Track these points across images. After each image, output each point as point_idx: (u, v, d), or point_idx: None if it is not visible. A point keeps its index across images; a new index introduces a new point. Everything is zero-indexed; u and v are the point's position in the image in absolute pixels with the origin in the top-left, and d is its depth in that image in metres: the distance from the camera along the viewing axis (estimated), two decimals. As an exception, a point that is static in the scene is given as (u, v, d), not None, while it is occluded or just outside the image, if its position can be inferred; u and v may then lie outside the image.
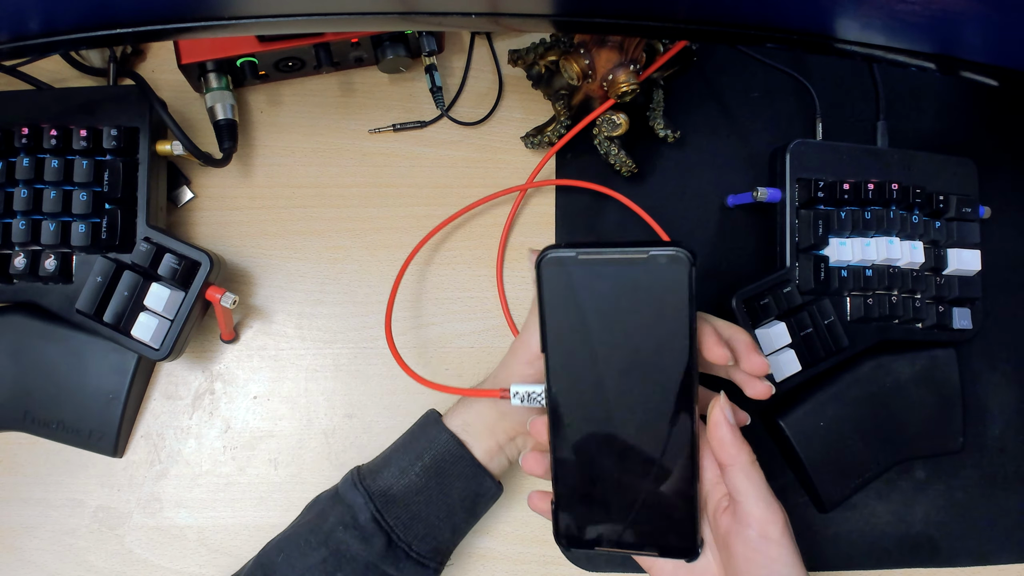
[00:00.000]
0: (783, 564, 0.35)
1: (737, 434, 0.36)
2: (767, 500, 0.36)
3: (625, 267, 0.34)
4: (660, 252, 0.34)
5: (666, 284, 0.34)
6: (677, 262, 0.34)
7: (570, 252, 0.35)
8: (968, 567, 0.53)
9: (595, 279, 0.35)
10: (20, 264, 0.47)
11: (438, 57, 0.56)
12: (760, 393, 0.38)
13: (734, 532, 0.36)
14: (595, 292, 0.35)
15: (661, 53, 0.51)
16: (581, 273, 0.35)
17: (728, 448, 0.36)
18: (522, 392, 0.39)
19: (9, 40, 0.37)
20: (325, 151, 0.56)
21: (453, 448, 0.43)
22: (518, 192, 0.55)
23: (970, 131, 0.60)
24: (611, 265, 0.34)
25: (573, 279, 0.35)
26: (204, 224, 0.54)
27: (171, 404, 0.52)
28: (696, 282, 0.34)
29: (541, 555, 0.51)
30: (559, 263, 0.35)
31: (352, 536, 0.41)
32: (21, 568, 0.49)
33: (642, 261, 0.34)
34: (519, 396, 0.39)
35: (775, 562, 0.35)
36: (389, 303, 0.50)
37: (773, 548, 0.35)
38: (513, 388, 0.39)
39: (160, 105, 0.49)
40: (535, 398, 0.38)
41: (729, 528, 0.36)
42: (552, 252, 0.35)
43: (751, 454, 0.36)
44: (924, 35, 0.37)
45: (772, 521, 0.35)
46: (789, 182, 0.51)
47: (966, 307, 0.54)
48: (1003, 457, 0.55)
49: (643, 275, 0.34)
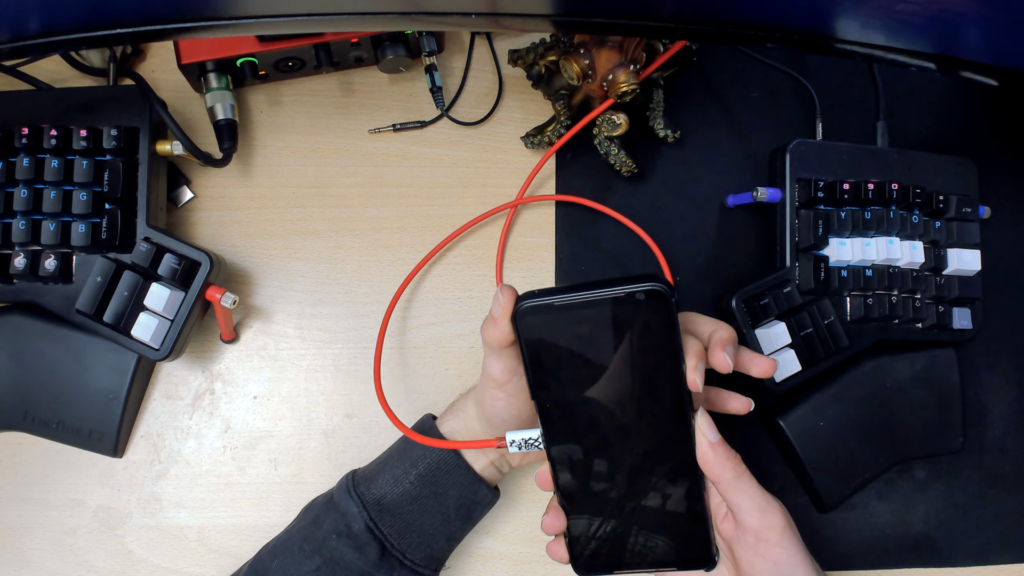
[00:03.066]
0: (786, 564, 0.36)
1: (719, 451, 0.36)
2: (761, 508, 0.36)
3: (604, 308, 0.34)
4: (638, 289, 0.33)
5: (648, 318, 0.34)
6: (656, 297, 0.34)
7: (546, 300, 0.34)
8: (968, 567, 0.53)
9: (575, 323, 0.34)
10: (20, 264, 0.47)
11: (438, 57, 0.56)
12: (765, 370, 0.39)
13: (736, 538, 0.37)
14: (577, 336, 0.35)
15: (661, 53, 0.51)
16: (560, 319, 0.34)
17: (711, 467, 0.36)
18: (518, 440, 0.38)
19: (9, 40, 0.37)
20: (325, 151, 0.56)
21: (448, 457, 0.43)
22: (517, 195, 0.55)
23: (970, 131, 0.60)
24: (589, 307, 0.34)
25: (553, 326, 0.35)
26: (204, 224, 0.54)
27: (171, 404, 0.52)
28: (676, 310, 0.34)
29: (541, 555, 0.51)
30: (536, 312, 0.34)
31: (346, 545, 0.41)
32: (21, 568, 0.49)
33: (621, 300, 0.34)
34: (516, 444, 0.38)
35: (778, 564, 0.36)
36: (379, 342, 0.50)
37: (774, 551, 0.36)
38: (508, 436, 0.38)
39: (160, 105, 0.49)
40: (532, 444, 0.38)
41: (731, 535, 0.38)
42: (528, 302, 0.34)
43: (736, 468, 0.36)
44: (924, 35, 0.37)
45: (768, 527, 0.36)
46: (789, 182, 0.51)
47: (966, 307, 0.54)
48: (1003, 457, 0.55)
49: (624, 313, 0.34)
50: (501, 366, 0.38)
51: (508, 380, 0.38)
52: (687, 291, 0.55)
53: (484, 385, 0.40)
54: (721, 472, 0.36)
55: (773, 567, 0.36)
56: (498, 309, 0.35)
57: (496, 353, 0.38)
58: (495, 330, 0.36)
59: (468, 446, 0.42)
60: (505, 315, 0.35)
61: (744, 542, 0.37)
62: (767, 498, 0.37)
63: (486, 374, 0.39)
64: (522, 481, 0.52)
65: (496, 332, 0.36)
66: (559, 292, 0.34)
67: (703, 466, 0.37)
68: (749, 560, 0.37)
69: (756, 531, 0.36)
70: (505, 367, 0.38)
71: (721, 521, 0.38)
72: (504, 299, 0.35)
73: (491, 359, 0.38)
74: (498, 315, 0.36)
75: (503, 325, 0.36)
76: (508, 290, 0.35)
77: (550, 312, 0.34)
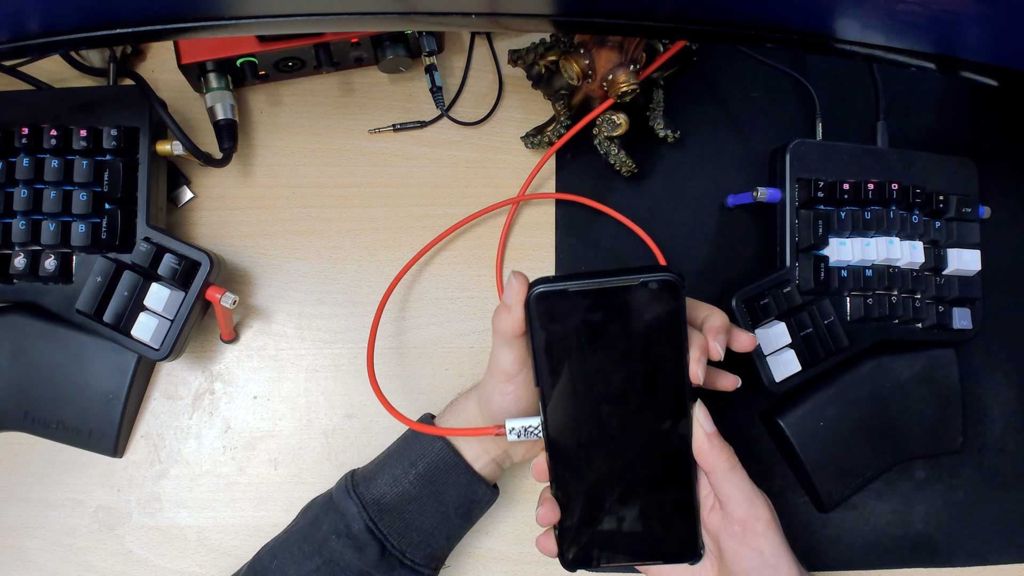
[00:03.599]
0: (770, 554, 0.38)
1: (714, 442, 0.37)
2: (749, 499, 0.38)
3: (616, 295, 0.34)
4: (651, 278, 0.34)
5: (658, 308, 0.35)
6: (669, 287, 0.34)
7: (560, 285, 0.34)
8: (968, 567, 0.53)
9: (587, 310, 0.35)
10: (20, 264, 0.47)
11: (438, 57, 0.56)
12: (745, 345, 0.40)
13: (723, 529, 0.38)
14: (587, 322, 0.35)
15: (661, 53, 0.51)
16: (572, 305, 0.35)
17: (706, 457, 0.37)
18: (518, 427, 0.38)
19: (9, 40, 0.37)
20: (325, 151, 0.56)
21: (447, 456, 0.43)
22: (517, 194, 0.55)
23: (970, 131, 0.60)
24: (602, 295, 0.34)
25: (564, 312, 0.35)
26: (204, 224, 0.54)
27: (171, 404, 0.52)
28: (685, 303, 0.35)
29: (540, 555, 0.51)
30: (549, 297, 0.35)
31: (345, 545, 0.41)
32: (21, 568, 0.49)
33: (634, 288, 0.34)
34: (515, 431, 0.38)
35: (763, 553, 0.38)
36: (373, 328, 0.49)
37: (759, 541, 0.38)
38: (508, 424, 0.39)
39: (160, 105, 0.49)
40: (531, 432, 0.38)
41: (718, 526, 0.39)
42: (542, 287, 0.35)
43: (730, 459, 0.37)
44: (924, 35, 0.37)
45: (756, 517, 0.38)
46: (789, 182, 0.51)
47: (966, 307, 0.54)
48: (1003, 457, 0.55)
49: (635, 301, 0.35)
50: (512, 357, 0.38)
51: (519, 372, 0.38)
52: (687, 291, 0.55)
53: (492, 380, 0.40)
54: (715, 462, 0.37)
55: (758, 557, 0.38)
56: (512, 296, 0.36)
57: (508, 343, 0.37)
58: (510, 317, 0.36)
59: (466, 433, 0.42)
60: (520, 301, 0.35)
61: (731, 532, 0.38)
62: (755, 490, 0.38)
63: (496, 367, 0.39)
64: (522, 481, 0.52)
65: (511, 319, 0.36)
66: (572, 278, 0.35)
67: (699, 456, 0.38)
68: (735, 550, 0.38)
69: (743, 522, 0.38)
70: (516, 358, 0.38)
71: (708, 513, 0.39)
72: (518, 285, 0.35)
73: (502, 350, 0.38)
74: (512, 301, 0.36)
75: (518, 312, 0.36)
76: (521, 276, 0.36)
77: (563, 298, 0.35)
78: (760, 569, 0.38)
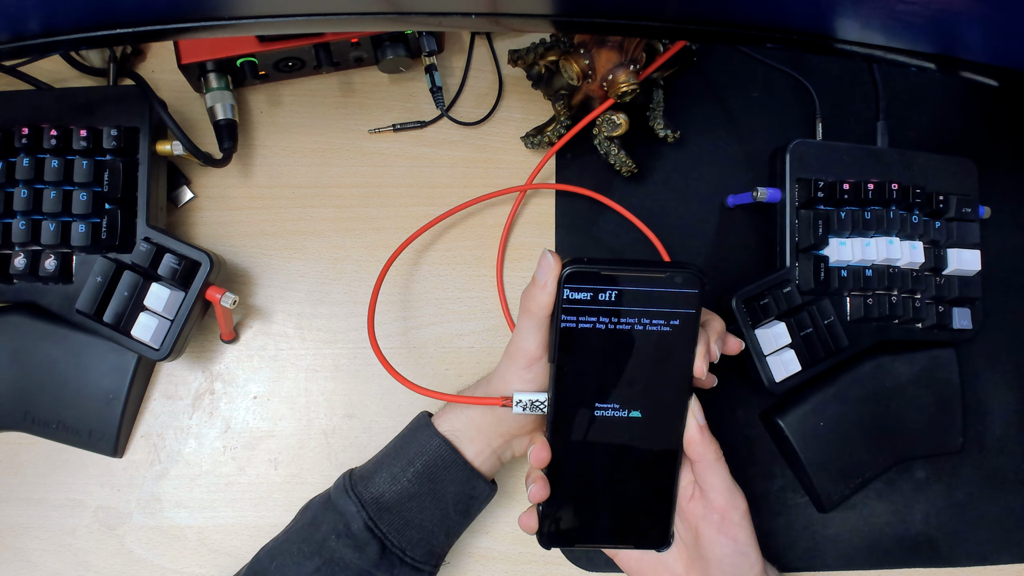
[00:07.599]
0: (743, 543, 0.40)
1: (705, 433, 0.39)
2: (730, 490, 0.40)
3: (644, 284, 0.36)
4: (679, 272, 0.36)
5: (680, 302, 0.37)
6: (693, 283, 0.36)
7: (594, 268, 0.36)
8: (968, 567, 0.53)
9: (614, 295, 0.36)
10: (20, 264, 0.47)
11: (438, 57, 0.56)
12: (733, 349, 0.42)
13: (703, 517, 0.40)
14: (611, 307, 0.37)
15: (661, 53, 0.51)
16: (601, 288, 0.36)
17: (696, 447, 0.39)
18: (525, 400, 0.39)
19: (9, 40, 0.37)
20: (325, 151, 0.56)
21: (445, 453, 0.43)
22: (518, 192, 0.55)
23: (970, 131, 0.60)
24: (631, 283, 0.36)
25: (592, 294, 0.36)
26: (204, 224, 0.54)
27: (171, 404, 0.52)
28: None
29: (541, 555, 0.51)
30: (582, 277, 0.36)
31: (345, 545, 0.41)
32: (21, 568, 0.49)
33: (661, 280, 0.36)
34: (522, 404, 0.39)
35: (737, 542, 0.40)
36: (371, 303, 0.49)
37: (735, 530, 0.40)
38: (516, 396, 0.39)
39: (160, 105, 0.49)
40: (538, 406, 0.39)
41: (698, 514, 0.41)
42: (576, 267, 0.36)
43: (717, 451, 0.40)
44: (924, 35, 0.37)
45: (734, 507, 0.40)
46: (789, 182, 0.51)
47: (966, 307, 0.54)
48: (1003, 457, 0.55)
49: (659, 292, 0.37)
50: (539, 339, 0.38)
51: (543, 356, 0.39)
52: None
53: (512, 366, 0.40)
54: (704, 452, 0.39)
55: (732, 544, 0.40)
56: (545, 273, 0.37)
57: (536, 324, 0.38)
58: (544, 294, 0.37)
59: (474, 402, 0.41)
60: (554, 279, 0.36)
61: (710, 520, 0.40)
62: (735, 484, 0.40)
63: (518, 351, 0.39)
64: (521, 482, 0.52)
65: (545, 296, 0.37)
66: (604, 263, 0.36)
67: (689, 445, 0.39)
68: (712, 537, 0.40)
69: (723, 511, 0.40)
70: (542, 340, 0.39)
71: (688, 502, 0.41)
72: (554, 263, 0.36)
73: (529, 332, 0.38)
74: (547, 279, 0.36)
75: (551, 289, 0.37)
76: (555, 255, 0.37)
77: (594, 280, 0.36)
78: (732, 556, 0.40)
